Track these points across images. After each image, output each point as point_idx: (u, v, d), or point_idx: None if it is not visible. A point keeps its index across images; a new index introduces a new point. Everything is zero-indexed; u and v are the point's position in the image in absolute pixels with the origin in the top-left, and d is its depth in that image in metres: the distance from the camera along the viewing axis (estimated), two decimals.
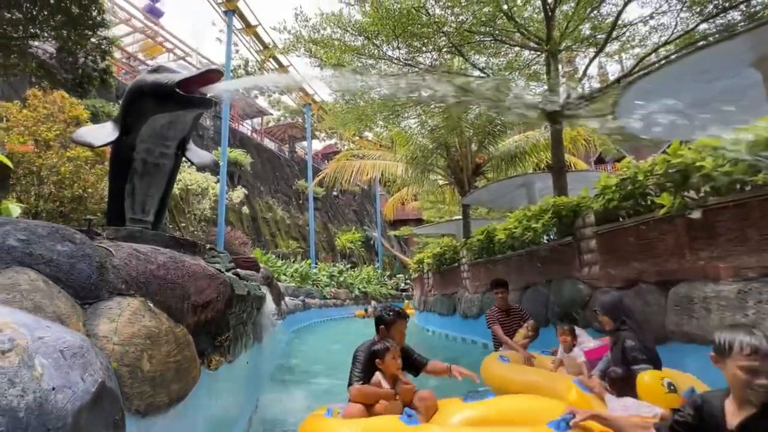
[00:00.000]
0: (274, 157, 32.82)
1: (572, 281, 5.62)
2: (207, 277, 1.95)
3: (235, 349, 2.79)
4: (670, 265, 4.08)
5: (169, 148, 3.56)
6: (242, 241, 18.13)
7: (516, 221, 6.84)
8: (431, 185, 16.18)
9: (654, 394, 2.60)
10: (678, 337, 3.92)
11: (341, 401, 4.29)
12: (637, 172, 4.20)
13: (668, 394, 2.54)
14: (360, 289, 24.56)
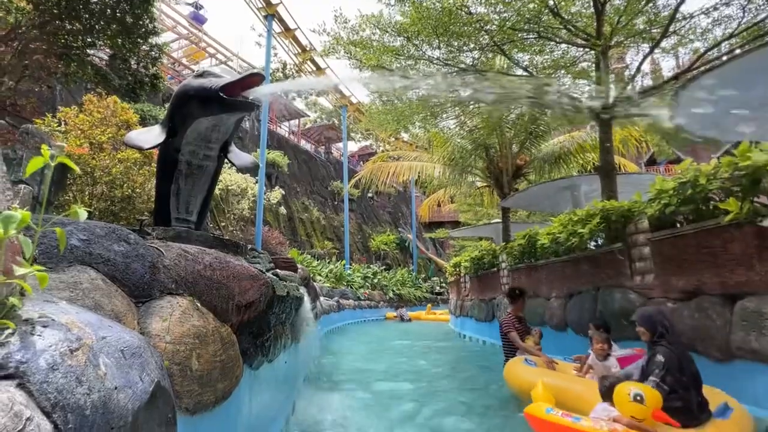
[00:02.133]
0: (310, 159, 33.40)
1: (622, 290, 5.30)
2: (250, 278, 1.94)
3: (274, 348, 2.78)
4: (737, 276, 3.75)
5: (213, 150, 3.64)
6: (279, 241, 18.52)
7: (561, 225, 6.55)
8: (469, 187, 15.89)
9: (620, 401, 2.83)
10: (745, 355, 3.60)
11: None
12: (699, 175, 3.89)
13: (630, 402, 2.74)
14: (394, 291, 24.48)
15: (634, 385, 2.85)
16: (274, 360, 2.88)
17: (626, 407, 2.78)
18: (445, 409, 4.30)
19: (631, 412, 2.75)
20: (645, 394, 2.74)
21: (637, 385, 2.83)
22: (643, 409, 2.71)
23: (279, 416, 3.22)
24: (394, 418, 3.89)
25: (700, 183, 3.83)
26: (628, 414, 2.77)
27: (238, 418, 1.93)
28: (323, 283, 16.33)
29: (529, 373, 4.25)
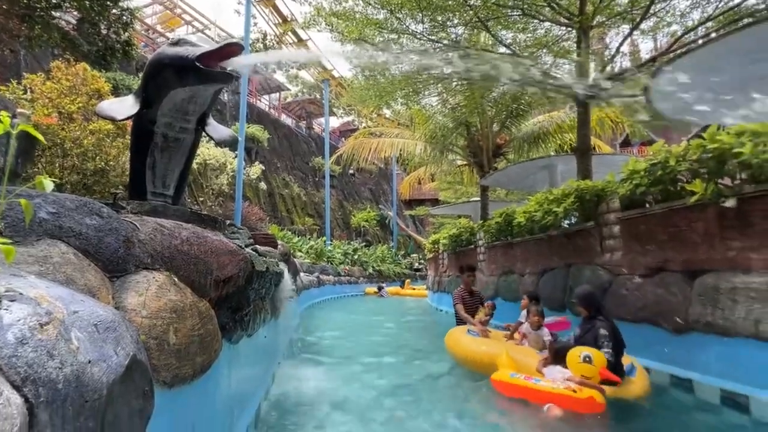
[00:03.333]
0: (291, 134, 32.81)
1: (592, 267, 5.52)
2: (229, 253, 1.95)
3: (254, 323, 2.82)
4: (699, 254, 3.95)
5: (190, 122, 3.54)
6: (259, 217, 18.34)
7: (537, 204, 6.70)
8: (449, 165, 15.96)
9: (572, 363, 3.37)
10: (700, 328, 3.84)
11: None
12: (669, 156, 4.03)
13: (581, 363, 3.29)
14: (374, 268, 24.73)
15: (584, 349, 3.39)
16: (253, 334, 2.92)
17: (577, 368, 3.32)
18: (420, 380, 4.47)
19: (581, 372, 3.29)
20: (593, 356, 3.30)
21: (586, 349, 3.38)
22: (592, 369, 3.27)
23: (259, 388, 3.29)
24: (370, 389, 4.03)
25: (670, 164, 3.97)
26: (579, 373, 3.31)
27: (217, 391, 1.98)
28: (304, 259, 16.36)
29: (471, 342, 4.73)
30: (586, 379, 3.23)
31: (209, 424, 1.85)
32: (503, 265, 8.49)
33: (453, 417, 3.31)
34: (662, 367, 4.25)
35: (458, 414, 3.41)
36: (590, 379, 3.23)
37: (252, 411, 2.79)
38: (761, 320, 3.22)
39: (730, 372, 3.57)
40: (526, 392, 3.44)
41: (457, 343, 4.90)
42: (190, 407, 1.51)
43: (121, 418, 0.82)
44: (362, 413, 3.33)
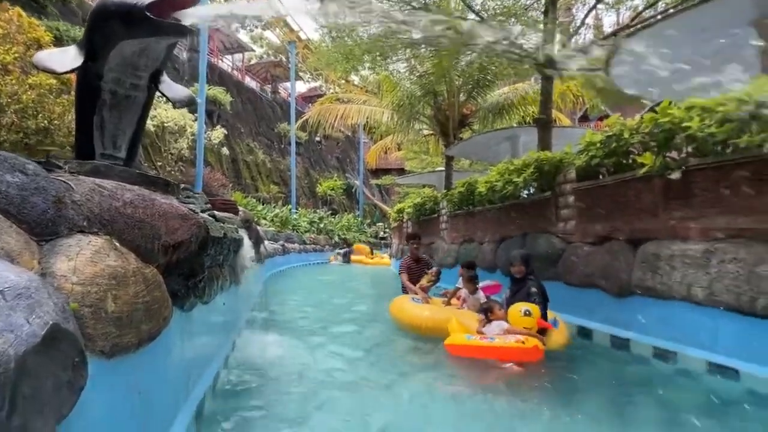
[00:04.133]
0: (255, 98, 31.55)
1: (547, 236, 5.75)
2: (179, 217, 1.88)
3: (210, 290, 2.78)
4: (643, 223, 4.18)
5: (141, 79, 3.32)
6: (222, 183, 17.78)
7: (498, 174, 6.84)
8: (416, 135, 15.93)
9: (514, 318, 3.87)
10: (640, 291, 4.11)
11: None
12: (623, 129, 4.18)
13: (523, 317, 3.79)
14: (340, 236, 24.78)
15: (523, 304, 3.90)
16: (210, 301, 2.88)
17: (519, 321, 3.82)
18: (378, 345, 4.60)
19: (523, 324, 3.79)
20: (531, 309, 3.83)
21: (525, 304, 3.89)
22: (531, 321, 3.79)
23: (218, 355, 3.28)
24: (329, 354, 4.11)
25: (624, 137, 4.11)
26: (521, 326, 3.81)
27: (168, 358, 1.95)
28: (268, 228, 16.12)
29: (417, 309, 4.96)
30: (527, 330, 3.73)
31: (161, 390, 1.84)
32: (464, 234, 8.70)
33: (415, 380, 3.44)
34: (605, 328, 4.55)
35: (420, 377, 3.54)
36: (531, 330, 3.75)
37: (210, 376, 2.79)
38: (693, 284, 3.49)
39: (663, 332, 3.87)
40: (482, 351, 3.71)
41: (402, 311, 5.07)
42: (136, 376, 1.48)
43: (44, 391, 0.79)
44: (321, 378, 3.41)
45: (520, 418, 2.72)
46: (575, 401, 3.04)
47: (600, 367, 3.93)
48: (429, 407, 2.91)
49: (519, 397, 3.13)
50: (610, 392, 3.24)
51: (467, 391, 3.24)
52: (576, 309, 5.10)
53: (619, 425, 2.63)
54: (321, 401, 2.89)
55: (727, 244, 3.32)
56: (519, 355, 3.53)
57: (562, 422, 2.64)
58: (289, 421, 2.51)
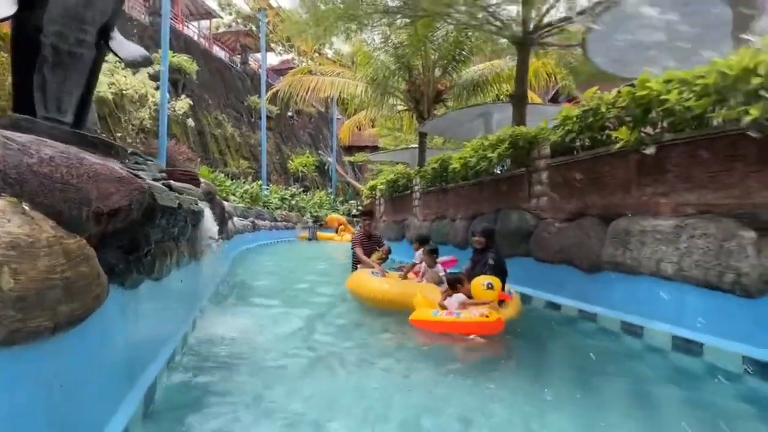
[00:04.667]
0: (224, 68, 30.14)
1: (519, 212, 5.71)
2: (115, 181, 1.64)
3: (162, 266, 2.55)
4: (615, 199, 4.17)
5: (88, 34, 2.96)
6: (188, 157, 17.02)
7: (472, 150, 6.73)
8: (390, 110, 15.60)
9: (477, 291, 3.92)
10: (610, 267, 4.13)
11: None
12: (601, 103, 4.10)
13: (486, 290, 3.86)
14: (312, 213, 24.43)
15: (486, 277, 3.95)
16: (162, 278, 2.65)
17: (482, 294, 3.88)
18: (343, 323, 4.49)
19: (486, 297, 3.86)
20: (493, 282, 3.89)
21: (488, 278, 3.94)
22: (494, 294, 3.87)
23: (175, 335, 3.07)
24: (294, 333, 3.97)
25: (601, 111, 4.04)
26: (483, 299, 3.86)
27: (107, 342, 1.74)
28: (238, 204, 15.64)
29: (376, 282, 4.99)
30: (490, 302, 3.82)
31: (94, 381, 1.63)
32: (436, 211, 8.63)
33: (382, 358, 3.34)
34: (573, 303, 4.59)
35: (386, 355, 3.45)
36: (492, 302, 3.84)
37: (164, 358, 2.59)
38: (663, 259, 3.50)
39: (630, 306, 3.91)
40: (448, 326, 3.77)
41: (362, 285, 5.06)
42: (54, 366, 1.28)
43: None
44: (285, 357, 3.26)
45: (489, 393, 2.67)
46: (542, 374, 3.03)
47: (568, 341, 3.96)
48: (398, 385, 2.82)
49: (487, 372, 3.11)
50: (576, 365, 3.25)
51: (436, 369, 3.18)
52: (546, 284, 5.12)
53: (584, 398, 2.62)
54: (284, 381, 2.76)
55: (697, 219, 3.32)
56: (483, 329, 3.64)
57: (528, 394, 2.61)
58: (248, 405, 2.36)
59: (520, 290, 5.50)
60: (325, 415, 2.28)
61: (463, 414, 2.34)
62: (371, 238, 6.23)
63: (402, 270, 5.49)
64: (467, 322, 3.68)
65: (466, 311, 3.78)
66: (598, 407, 2.48)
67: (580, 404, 2.52)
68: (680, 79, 3.30)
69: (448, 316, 3.81)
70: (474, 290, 3.96)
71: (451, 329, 3.75)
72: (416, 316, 4.03)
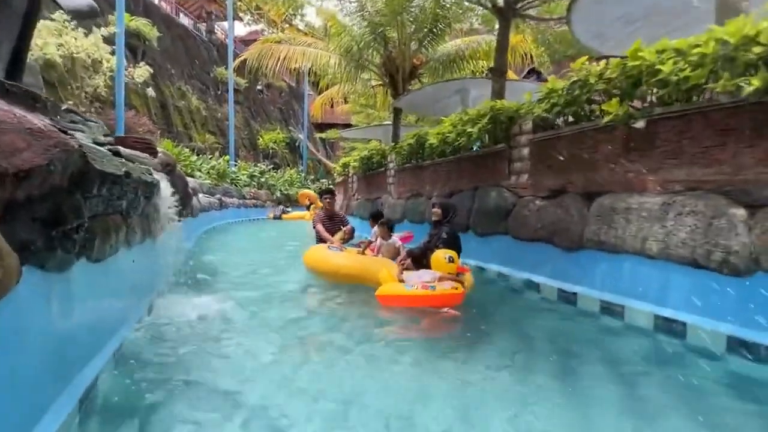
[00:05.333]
0: (188, 36, 28.42)
1: (498, 189, 5.55)
2: (25, 133, 1.29)
3: (104, 244, 2.19)
4: (600, 176, 4.03)
5: None
6: (148, 129, 15.99)
7: (451, 125, 6.49)
8: (363, 85, 15.11)
9: (439, 264, 3.93)
10: (592, 245, 4.02)
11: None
12: (589, 75, 3.90)
13: (447, 263, 3.89)
14: (282, 192, 23.80)
15: (447, 251, 3.96)
16: (105, 258, 2.30)
17: (444, 267, 3.89)
18: (310, 304, 4.29)
19: (447, 270, 3.89)
20: (453, 256, 3.93)
21: (448, 252, 3.96)
22: (454, 267, 3.94)
23: (126, 323, 2.73)
24: (260, 315, 3.70)
25: (589, 83, 3.85)
26: (446, 271, 3.89)
27: (23, 336, 1.42)
28: (204, 180, 14.93)
29: (335, 256, 4.93)
30: (452, 276, 3.88)
31: (6, 384, 1.31)
32: (412, 188, 8.40)
33: (351, 337, 3.12)
34: (552, 282, 4.49)
35: (356, 332, 3.24)
36: (453, 275, 3.91)
37: (109, 350, 2.27)
38: (648, 237, 3.39)
39: (611, 286, 3.83)
40: (418, 300, 3.76)
41: (320, 260, 4.98)
42: None
43: None
44: (250, 340, 3.00)
45: (464, 372, 2.49)
46: (521, 356, 2.89)
47: (546, 320, 3.86)
48: (368, 362, 2.62)
49: (460, 352, 2.93)
50: (555, 345, 3.13)
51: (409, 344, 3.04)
52: (524, 263, 5.01)
53: (561, 377, 2.50)
54: (248, 369, 2.49)
55: (685, 196, 3.21)
56: (452, 300, 3.72)
57: (504, 377, 2.46)
58: (206, 398, 2.08)
59: (498, 269, 5.41)
60: (293, 405, 2.04)
61: (451, 400, 2.16)
62: (333, 218, 6.05)
63: (360, 246, 5.39)
64: (438, 295, 3.69)
65: (440, 284, 3.77)
66: (576, 389, 2.36)
67: (561, 386, 2.38)
68: (675, 48, 3.13)
69: (423, 290, 3.76)
70: (435, 264, 3.97)
71: (420, 303, 3.74)
72: (384, 290, 3.93)
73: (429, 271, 4.01)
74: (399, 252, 4.87)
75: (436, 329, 3.60)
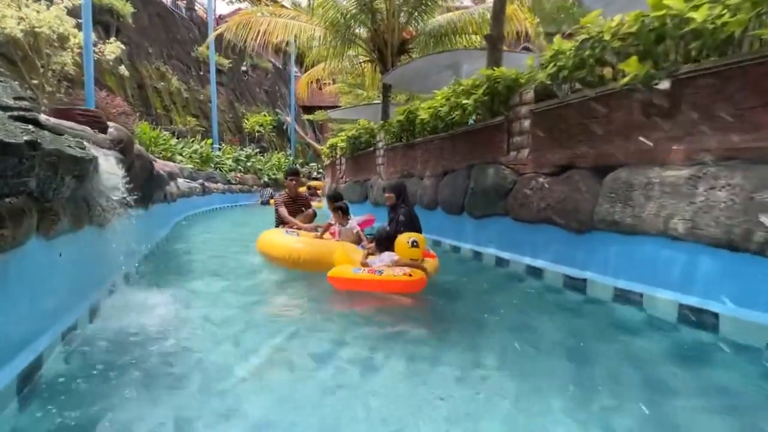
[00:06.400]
0: (166, 13, 27.12)
1: (496, 167, 5.06)
2: None
3: (12, 231, 1.67)
4: (613, 148, 3.55)
5: None
6: (123, 111, 15.09)
7: (444, 98, 5.95)
8: (351, 62, 14.38)
9: (402, 248, 3.74)
10: (604, 226, 3.57)
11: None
12: (603, 31, 3.39)
13: (411, 248, 3.70)
14: (270, 176, 23.09)
15: (411, 235, 3.79)
16: (12, 249, 1.77)
17: (407, 252, 3.70)
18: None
19: (411, 256, 3.71)
20: (418, 240, 3.74)
21: (413, 235, 3.79)
22: (418, 252, 3.74)
23: (46, 332, 2.19)
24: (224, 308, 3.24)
25: (605, 40, 3.33)
26: (409, 257, 3.70)
27: None
28: (186, 164, 14.25)
29: (289, 239, 4.68)
30: (414, 261, 3.66)
31: None
32: (402, 169, 7.89)
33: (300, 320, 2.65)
34: (558, 267, 4.06)
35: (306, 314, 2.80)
36: (417, 260, 3.70)
37: (28, 358, 1.77)
38: (673, 216, 2.94)
39: (627, 271, 3.40)
40: (369, 284, 3.55)
41: (275, 245, 4.69)
42: None
43: None
44: (208, 348, 2.52)
45: (452, 381, 2.05)
46: (527, 352, 2.47)
47: (552, 310, 3.44)
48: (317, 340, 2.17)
49: (446, 351, 2.48)
50: (565, 338, 2.73)
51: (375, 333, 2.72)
52: (525, 247, 4.58)
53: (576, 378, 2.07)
54: (204, 379, 2.01)
55: (719, 167, 2.75)
56: (406, 288, 3.50)
57: (498, 377, 2.01)
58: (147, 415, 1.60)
59: (496, 254, 4.97)
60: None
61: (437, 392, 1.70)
62: (296, 200, 5.84)
63: (318, 230, 5.14)
64: (389, 280, 3.46)
65: (388, 269, 3.55)
66: (592, 390, 1.94)
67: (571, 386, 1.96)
68: None
69: (369, 274, 3.56)
70: (398, 248, 3.75)
71: (371, 287, 3.55)
72: (335, 273, 3.76)
73: (389, 254, 3.83)
74: (359, 237, 4.62)
75: (419, 326, 3.13)
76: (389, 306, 3.47)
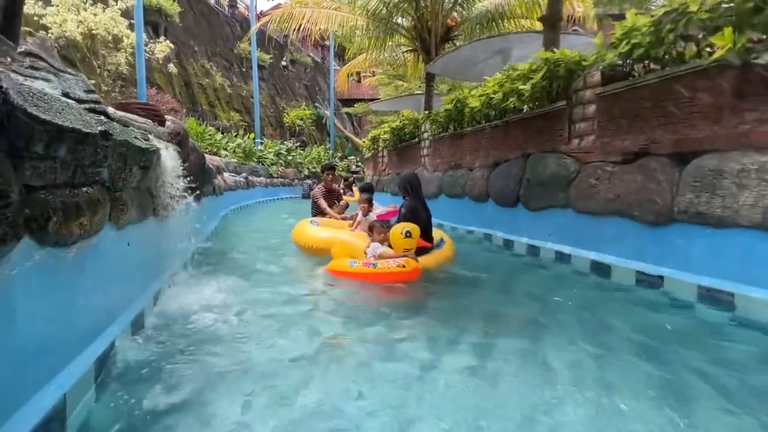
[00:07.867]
0: (210, 12, 27.91)
1: (557, 155, 4.77)
2: None
3: (70, 224, 1.65)
4: (697, 132, 3.22)
5: None
6: (172, 107, 15.71)
7: (496, 85, 5.68)
8: (392, 52, 14.20)
9: (395, 239, 3.83)
10: (686, 218, 3.25)
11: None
12: (687, 2, 3.05)
13: (404, 239, 3.76)
14: (310, 170, 23.37)
15: (404, 225, 3.85)
16: (77, 242, 1.76)
17: (401, 243, 3.76)
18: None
19: (404, 246, 3.75)
20: (412, 230, 3.78)
21: (407, 225, 3.84)
22: (412, 242, 3.78)
23: (119, 317, 2.22)
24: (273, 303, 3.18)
25: (689, 11, 3.00)
26: (402, 247, 3.76)
27: None
28: (230, 159, 14.62)
29: (314, 231, 4.88)
30: (407, 252, 3.73)
31: None
32: (450, 160, 7.66)
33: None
34: (629, 263, 3.76)
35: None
36: (410, 250, 3.76)
37: (93, 356, 1.77)
38: None
39: (714, 267, 3.07)
40: (365, 276, 3.66)
41: (301, 235, 4.94)
42: None
43: None
44: (268, 326, 2.48)
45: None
46: (603, 358, 2.23)
47: (623, 309, 3.15)
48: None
49: (518, 358, 2.29)
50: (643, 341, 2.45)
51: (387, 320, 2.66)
52: (590, 241, 4.28)
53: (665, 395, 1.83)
54: (264, 372, 1.95)
55: None
56: (400, 278, 3.59)
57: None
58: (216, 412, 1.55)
59: (556, 248, 4.69)
60: None
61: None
62: (331, 193, 6.32)
63: (348, 219, 5.55)
64: (383, 273, 3.58)
65: (382, 262, 3.66)
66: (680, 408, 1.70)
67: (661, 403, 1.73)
68: None
69: (363, 267, 3.69)
70: (392, 239, 3.87)
71: (368, 279, 3.66)
72: (332, 265, 3.94)
73: (377, 246, 3.91)
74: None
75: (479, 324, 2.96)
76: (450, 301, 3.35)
